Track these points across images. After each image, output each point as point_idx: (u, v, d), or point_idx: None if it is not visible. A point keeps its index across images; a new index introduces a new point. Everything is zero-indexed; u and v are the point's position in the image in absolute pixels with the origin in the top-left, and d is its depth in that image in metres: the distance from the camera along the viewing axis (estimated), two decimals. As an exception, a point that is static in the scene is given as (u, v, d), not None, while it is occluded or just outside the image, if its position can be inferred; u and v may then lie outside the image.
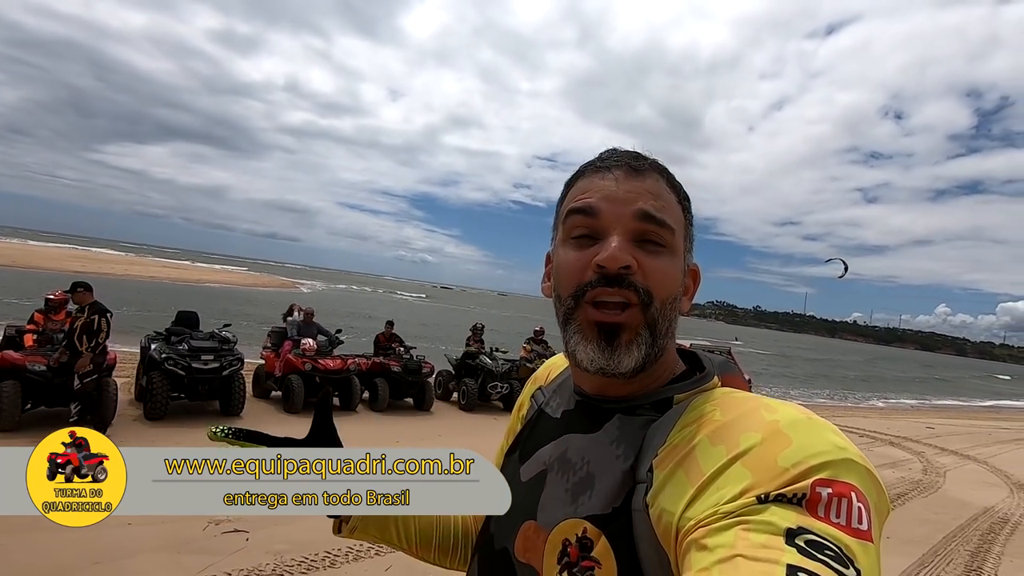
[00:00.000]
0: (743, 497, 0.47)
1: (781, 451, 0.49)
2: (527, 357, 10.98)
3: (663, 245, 0.63)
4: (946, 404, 25.29)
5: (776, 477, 0.47)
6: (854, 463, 0.49)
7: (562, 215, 0.68)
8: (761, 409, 0.54)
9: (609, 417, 0.65)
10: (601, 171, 0.65)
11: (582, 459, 0.65)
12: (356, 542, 4.00)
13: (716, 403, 0.59)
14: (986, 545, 5.43)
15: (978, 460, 10.06)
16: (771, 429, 0.51)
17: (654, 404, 0.63)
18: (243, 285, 50.30)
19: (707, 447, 0.54)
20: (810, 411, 0.54)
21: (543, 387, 0.82)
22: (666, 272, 0.63)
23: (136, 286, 32.64)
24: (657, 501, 0.54)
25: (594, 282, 0.61)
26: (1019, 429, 16.35)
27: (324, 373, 8.30)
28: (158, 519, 3.97)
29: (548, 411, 0.76)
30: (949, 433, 13.42)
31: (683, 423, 0.59)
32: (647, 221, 0.62)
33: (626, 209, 0.62)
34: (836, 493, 0.46)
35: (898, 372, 45.56)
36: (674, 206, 0.65)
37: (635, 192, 0.63)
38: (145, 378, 7.04)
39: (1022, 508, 6.98)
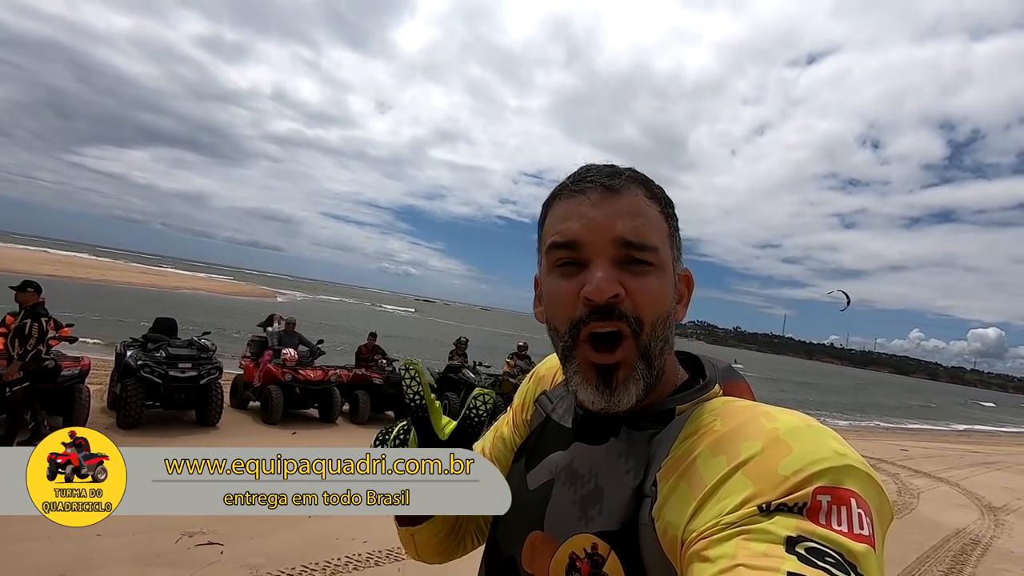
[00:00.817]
0: (745, 507, 0.48)
1: (781, 459, 0.49)
2: (510, 372, 10.95)
3: (650, 263, 0.62)
4: (919, 428, 25.72)
5: (777, 486, 0.48)
6: (855, 469, 0.49)
7: (544, 245, 0.67)
8: (761, 417, 0.55)
9: (615, 429, 0.65)
10: (577, 194, 0.64)
11: (590, 471, 0.64)
12: (335, 555, 3.94)
13: (716, 413, 0.59)
14: (958, 567, 5.52)
15: (950, 482, 10.24)
16: (771, 437, 0.52)
17: (656, 416, 0.63)
18: (223, 293, 49.51)
19: (708, 458, 0.54)
20: (810, 418, 0.55)
21: (548, 392, 0.81)
22: (655, 292, 0.62)
23: (113, 292, 31.94)
24: (662, 515, 0.54)
25: (586, 317, 0.61)
26: (989, 453, 16.69)
27: (304, 384, 8.19)
28: (128, 530, 3.87)
29: (555, 418, 0.76)
30: (923, 456, 13.65)
31: (685, 434, 0.59)
32: (628, 246, 0.61)
33: (606, 236, 0.61)
34: (837, 499, 0.47)
35: (895, 400, 46.24)
36: (656, 219, 0.64)
37: (614, 215, 0.61)
38: (119, 385, 6.87)
39: (992, 530, 7.11)
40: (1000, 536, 6.87)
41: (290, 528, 4.27)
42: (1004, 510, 8.45)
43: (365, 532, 4.32)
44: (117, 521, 4.01)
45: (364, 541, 4.22)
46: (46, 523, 2.01)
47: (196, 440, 6.76)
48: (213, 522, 4.16)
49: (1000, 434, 28.35)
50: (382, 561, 3.98)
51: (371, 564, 3.93)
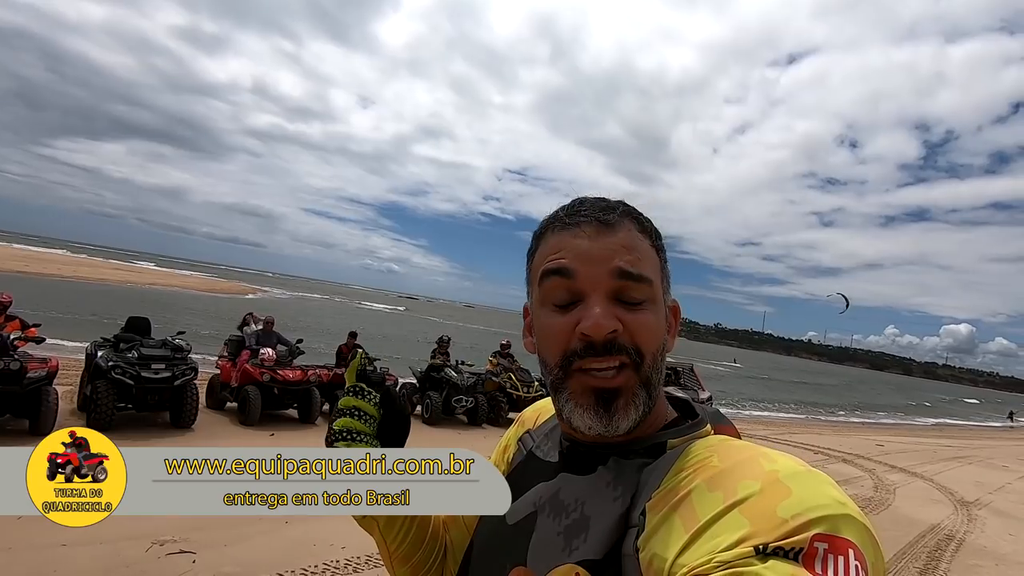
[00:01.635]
0: (740, 546, 0.46)
1: (780, 502, 0.48)
2: (493, 371, 10.90)
3: (643, 299, 0.62)
4: (894, 423, 26.31)
5: (775, 528, 0.46)
6: (853, 519, 0.48)
7: (536, 274, 0.66)
8: (760, 458, 0.54)
9: (603, 459, 0.64)
10: (571, 227, 0.63)
11: (576, 500, 0.63)
12: (311, 562, 3.85)
13: (713, 449, 0.58)
14: (934, 562, 5.61)
15: (924, 477, 10.46)
16: (770, 479, 0.50)
17: (647, 449, 0.62)
18: (201, 290, 48.66)
19: (704, 493, 0.52)
20: (807, 464, 0.53)
21: (531, 431, 0.80)
22: (651, 326, 0.62)
23: (85, 289, 31.19)
24: (648, 546, 0.53)
25: (581, 351, 0.60)
26: (961, 447, 17.12)
27: (283, 384, 8.05)
28: (95, 539, 3.73)
29: (539, 454, 0.74)
30: (898, 451, 13.94)
31: (678, 468, 0.58)
32: (625, 279, 0.61)
33: (602, 269, 0.61)
34: (834, 549, 0.45)
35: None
36: (648, 252, 0.64)
37: (609, 249, 0.61)
38: (90, 387, 6.66)
39: (965, 525, 7.26)
40: (973, 531, 7.01)
41: (265, 534, 4.16)
42: (976, 505, 8.65)
43: (344, 538, 4.23)
44: (82, 529, 3.90)
45: (343, 547, 4.13)
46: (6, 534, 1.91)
47: (170, 443, 6.59)
48: (185, 529, 4.03)
49: (971, 427, 29.16)
50: (361, 568, 3.90)
51: (349, 571, 3.85)
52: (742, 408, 22.14)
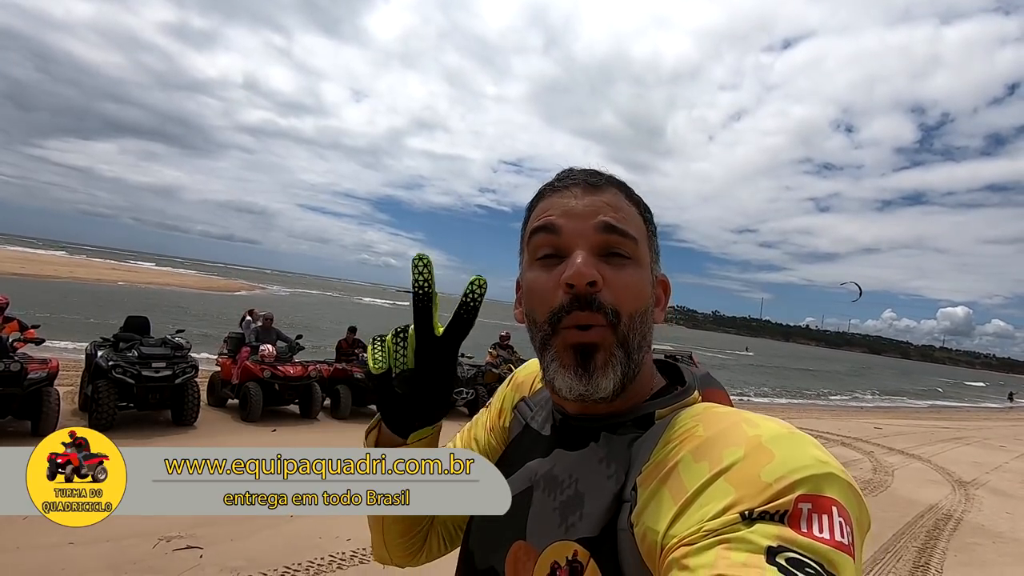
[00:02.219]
0: (727, 513, 0.47)
1: (764, 466, 0.49)
2: (492, 363, 10.93)
3: (628, 256, 0.63)
4: (891, 406, 26.49)
5: (760, 493, 0.47)
6: (836, 477, 0.49)
7: (526, 237, 0.68)
8: (743, 424, 0.54)
9: (594, 435, 0.64)
10: (559, 190, 0.66)
11: (570, 477, 0.63)
12: (317, 555, 3.89)
13: (698, 418, 0.58)
14: (932, 541, 5.69)
15: (922, 459, 10.56)
16: (753, 444, 0.51)
17: (636, 421, 0.63)
18: (198, 288, 48.55)
19: (690, 463, 0.53)
20: (791, 425, 0.54)
21: (528, 399, 0.80)
22: (632, 284, 0.62)
23: (82, 290, 31.10)
24: (641, 520, 0.54)
25: (567, 306, 0.61)
26: (957, 428, 17.27)
27: (284, 380, 8.06)
28: (102, 537, 3.76)
29: (534, 426, 0.75)
30: (895, 433, 14.05)
31: (665, 439, 0.58)
32: (608, 232, 0.62)
33: (587, 223, 0.62)
34: (818, 508, 0.46)
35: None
36: (635, 217, 0.66)
37: (594, 206, 0.63)
38: (90, 387, 6.66)
39: (963, 505, 7.35)
40: (971, 510, 7.10)
41: (271, 528, 4.19)
42: (974, 484, 8.74)
43: (349, 530, 4.26)
44: (90, 528, 3.92)
45: (348, 539, 4.17)
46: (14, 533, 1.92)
47: (172, 441, 6.61)
48: (191, 525, 4.07)
49: (968, 409, 29.38)
50: (367, 559, 3.93)
51: (355, 563, 3.89)
52: (744, 394, 22.24)
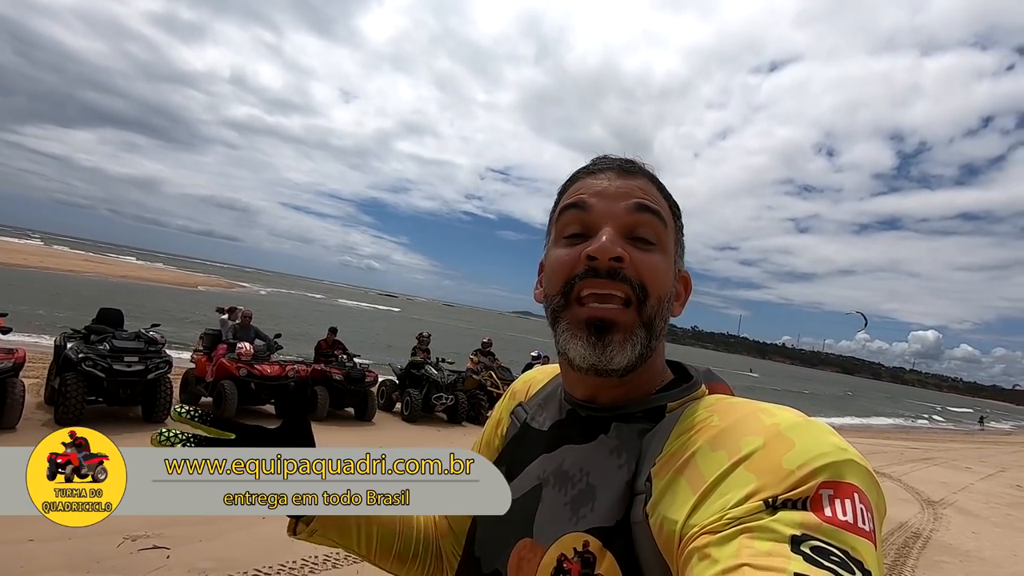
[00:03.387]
0: (750, 501, 0.47)
1: (785, 454, 0.49)
2: (473, 368, 10.89)
3: (654, 243, 0.63)
4: (862, 424, 26.97)
5: (782, 480, 0.47)
6: (856, 464, 0.49)
7: (555, 216, 0.68)
8: (759, 413, 0.54)
9: (604, 426, 0.63)
10: (593, 172, 0.66)
11: (580, 470, 0.62)
12: (289, 557, 3.79)
13: (712, 409, 0.58)
14: (902, 559, 5.77)
15: (893, 477, 10.74)
16: (772, 432, 0.51)
17: (647, 413, 0.62)
18: (175, 284, 47.60)
19: (708, 453, 0.53)
20: (804, 414, 0.54)
21: (524, 403, 0.79)
22: (659, 268, 0.62)
23: (54, 280, 30.28)
24: (657, 510, 0.53)
25: (583, 274, 0.60)
26: (926, 449, 17.62)
27: (260, 379, 7.91)
28: (65, 534, 3.62)
29: (535, 425, 0.73)
30: (867, 452, 14.24)
31: (679, 431, 0.58)
32: (640, 212, 0.62)
33: (618, 204, 0.62)
34: (840, 494, 0.46)
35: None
36: (665, 208, 0.66)
37: (626, 188, 0.64)
38: (58, 379, 6.44)
39: (931, 524, 7.48)
40: (939, 529, 7.23)
41: (242, 530, 4.09)
42: (942, 504, 8.91)
43: (322, 533, 4.18)
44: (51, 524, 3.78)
45: (321, 543, 4.08)
46: (-31, 532, 1.78)
47: (141, 438, 6.42)
48: (159, 524, 3.94)
49: (935, 431, 30.05)
50: (340, 563, 3.85)
51: (328, 567, 3.80)
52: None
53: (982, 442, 25.09)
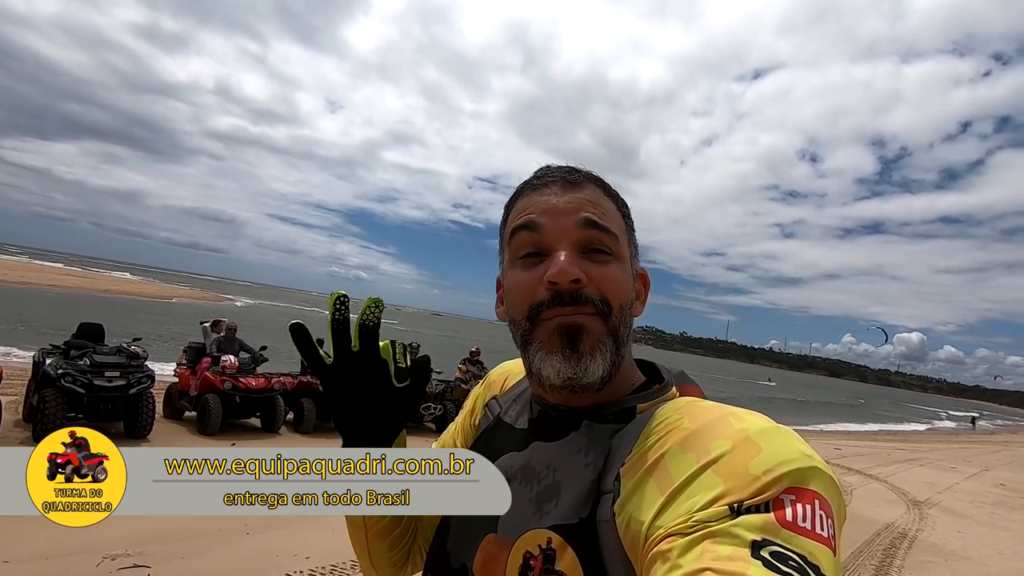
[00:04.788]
0: (716, 505, 0.48)
1: (752, 459, 0.49)
2: (462, 378, 10.83)
3: (610, 253, 0.64)
4: (850, 429, 27.22)
5: (748, 485, 0.48)
6: (819, 471, 0.50)
7: (506, 236, 0.68)
8: (729, 417, 0.55)
9: (575, 424, 0.64)
10: (538, 188, 0.66)
11: (547, 467, 0.63)
12: (274, 574, 3.73)
13: (683, 411, 0.59)
14: (888, 560, 5.81)
15: (879, 479, 10.84)
16: (741, 437, 0.52)
17: (617, 414, 0.63)
18: (158, 297, 46.95)
19: (677, 454, 0.53)
20: (772, 420, 0.55)
21: (499, 397, 0.80)
22: (617, 279, 0.63)
23: (33, 295, 29.73)
24: (625, 510, 0.54)
25: (548, 301, 0.61)
26: (912, 449, 17.83)
27: (245, 392, 7.80)
28: (43, 554, 3.54)
29: (507, 420, 0.74)
30: (854, 454, 14.42)
31: (648, 432, 0.58)
32: (590, 228, 0.63)
33: (568, 220, 0.63)
34: (802, 500, 0.47)
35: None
36: (614, 213, 0.67)
37: (575, 202, 0.64)
38: (36, 396, 6.30)
39: (917, 524, 7.55)
40: (924, 529, 7.30)
41: (225, 546, 4.02)
42: (927, 504, 9.00)
43: (307, 547, 4.12)
44: (29, 544, 3.67)
45: (307, 557, 4.02)
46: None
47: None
48: (140, 542, 3.87)
49: (919, 433, 30.41)
50: (326, 578, 3.80)
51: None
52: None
53: (967, 442, 25.44)
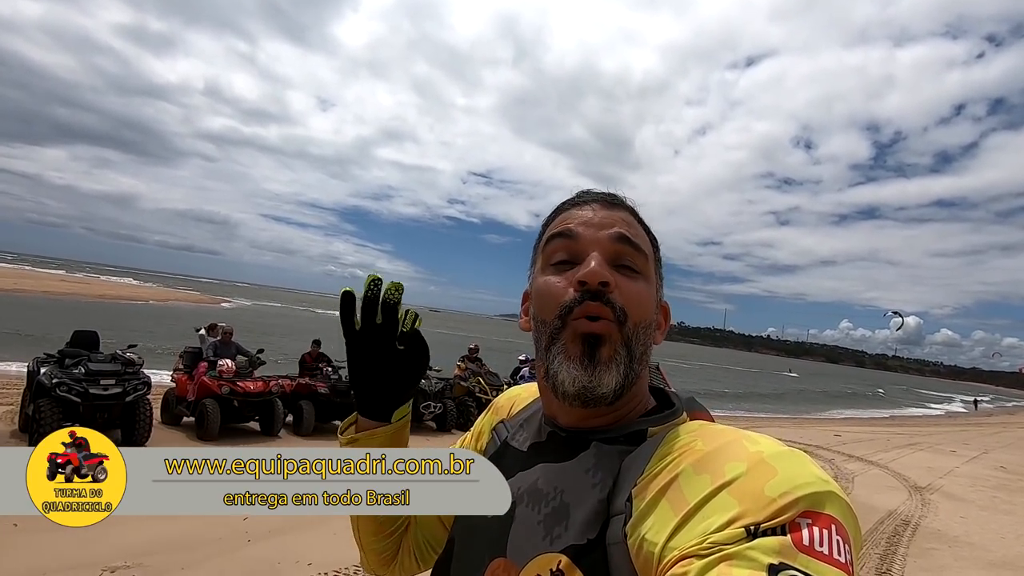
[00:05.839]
0: (731, 527, 0.47)
1: (767, 481, 0.49)
2: (461, 375, 10.81)
3: (637, 271, 0.66)
4: (848, 415, 27.36)
5: (764, 508, 0.48)
6: (836, 496, 0.50)
7: (541, 244, 0.71)
8: (743, 440, 0.55)
9: (584, 445, 0.64)
10: (579, 204, 0.70)
11: (555, 488, 0.63)
12: (275, 582, 3.69)
13: (696, 434, 0.59)
14: (892, 547, 5.82)
15: (880, 465, 10.87)
16: (756, 459, 0.52)
17: (628, 436, 0.63)
18: (153, 301, 46.75)
19: (691, 476, 0.53)
20: (787, 445, 0.55)
21: (506, 421, 0.81)
22: (641, 294, 0.65)
23: (26, 302, 29.54)
24: (637, 531, 0.53)
25: (579, 298, 0.62)
26: (911, 435, 17.91)
27: (243, 396, 7.75)
28: (40, 569, 3.50)
29: (515, 444, 0.74)
30: (854, 441, 14.46)
31: (661, 453, 0.58)
32: (623, 243, 0.65)
33: (603, 233, 0.65)
34: (819, 524, 0.47)
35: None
36: (645, 240, 0.69)
37: (611, 219, 0.67)
38: (32, 406, 6.25)
39: (920, 510, 7.57)
40: (927, 515, 7.31)
41: (226, 555, 3.98)
42: (929, 489, 9.03)
43: (309, 554, 4.08)
44: (26, 557, 3.61)
45: (309, 563, 3.98)
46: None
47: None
48: (139, 554, 3.82)
49: (916, 417, 30.61)
50: (329, 584, 3.76)
51: (317, 588, 3.71)
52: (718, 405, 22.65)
53: (964, 425, 25.59)
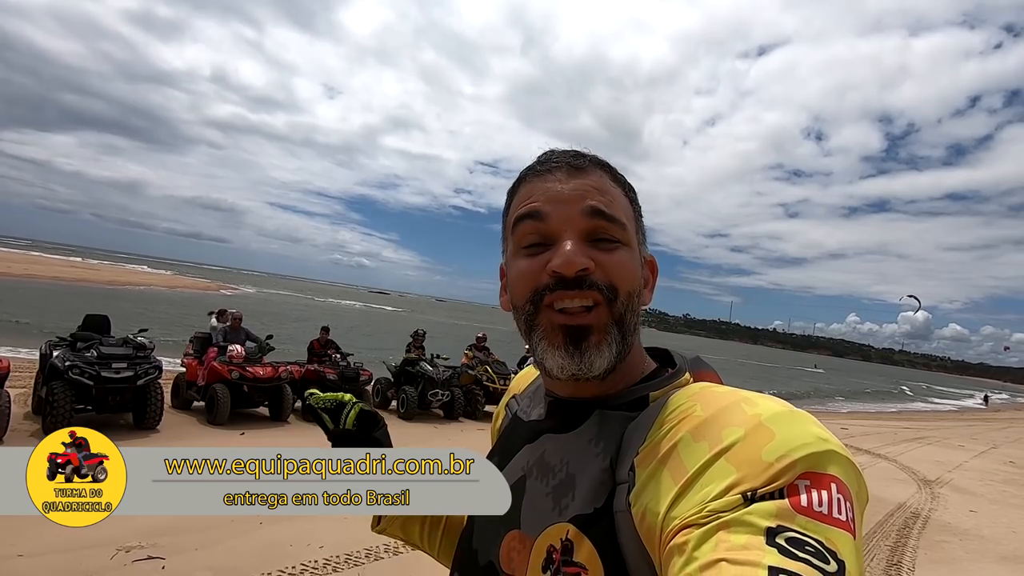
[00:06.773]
0: (729, 494, 0.47)
1: (765, 445, 0.49)
2: (469, 364, 10.81)
3: (617, 241, 0.62)
4: (855, 409, 27.25)
5: (761, 472, 0.47)
6: (836, 454, 0.49)
7: (510, 224, 0.66)
8: (742, 403, 0.54)
9: (587, 414, 0.64)
10: (542, 174, 0.65)
11: (561, 460, 0.63)
12: (288, 563, 3.72)
13: (696, 398, 0.57)
14: (903, 540, 5.79)
15: (888, 458, 10.82)
16: (753, 423, 0.51)
17: (629, 404, 0.62)
18: (163, 287, 47.09)
19: (689, 443, 0.53)
20: (789, 404, 0.53)
21: (517, 395, 0.81)
22: (626, 266, 0.62)
23: (38, 288, 29.81)
24: (640, 500, 0.53)
25: (552, 285, 0.60)
26: (919, 428, 17.83)
27: (253, 382, 7.80)
28: (56, 548, 3.53)
29: (523, 416, 0.75)
30: (861, 434, 14.41)
31: (662, 420, 0.57)
32: (597, 217, 0.61)
33: (574, 208, 0.61)
34: (817, 484, 0.46)
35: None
36: (621, 199, 0.65)
37: (580, 190, 0.62)
38: (44, 389, 6.30)
39: (929, 503, 7.53)
40: (937, 508, 7.28)
41: (239, 536, 4.00)
42: (938, 483, 8.98)
43: (321, 537, 4.10)
44: (43, 537, 3.65)
45: (320, 546, 4.00)
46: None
47: (134, 444, 6.31)
48: (153, 534, 3.85)
49: (924, 411, 30.47)
50: (340, 567, 3.78)
51: (328, 570, 3.73)
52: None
53: (972, 419, 25.46)
